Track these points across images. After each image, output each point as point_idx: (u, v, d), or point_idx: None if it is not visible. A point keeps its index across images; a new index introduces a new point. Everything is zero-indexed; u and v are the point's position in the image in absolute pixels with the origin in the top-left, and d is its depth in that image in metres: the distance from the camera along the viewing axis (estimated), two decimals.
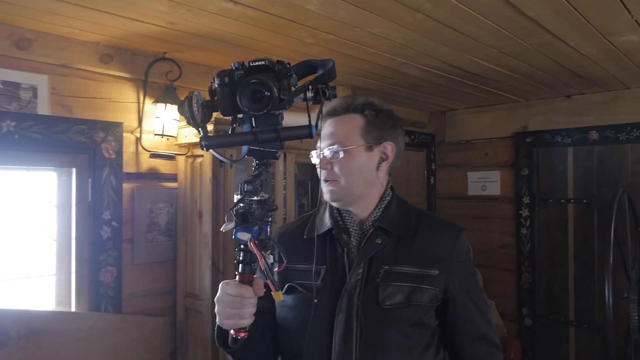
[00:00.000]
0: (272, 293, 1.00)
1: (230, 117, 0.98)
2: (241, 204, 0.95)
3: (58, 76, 2.15)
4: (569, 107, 3.60)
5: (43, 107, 2.09)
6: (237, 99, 0.90)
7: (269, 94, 0.88)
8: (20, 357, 1.98)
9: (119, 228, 2.31)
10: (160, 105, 2.34)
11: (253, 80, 0.89)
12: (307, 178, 2.99)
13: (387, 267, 1.17)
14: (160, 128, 2.35)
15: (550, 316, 3.74)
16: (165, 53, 2.40)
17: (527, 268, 3.82)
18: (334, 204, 1.27)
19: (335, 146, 1.22)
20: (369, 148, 1.24)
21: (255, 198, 0.95)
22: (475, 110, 4.11)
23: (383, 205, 1.26)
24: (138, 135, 2.40)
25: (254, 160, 1.00)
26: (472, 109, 4.12)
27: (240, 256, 0.98)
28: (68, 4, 1.76)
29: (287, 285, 1.21)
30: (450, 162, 4.32)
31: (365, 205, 1.25)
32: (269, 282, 1.00)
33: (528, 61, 2.58)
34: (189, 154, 2.45)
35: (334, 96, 0.98)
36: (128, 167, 2.36)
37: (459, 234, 1.26)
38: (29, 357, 2.00)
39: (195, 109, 0.93)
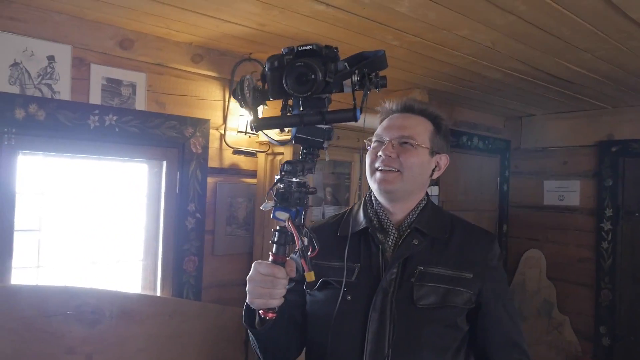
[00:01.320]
0: (305, 273, 1.01)
1: (281, 102, 1.01)
2: (280, 185, 0.98)
3: (154, 74, 2.29)
4: None
5: (140, 103, 2.23)
6: (284, 81, 0.93)
7: (314, 76, 0.91)
8: (111, 335, 2.13)
9: (202, 220, 2.43)
10: None
11: (298, 64, 0.92)
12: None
13: (422, 267, 1.18)
14: (244, 126, 2.44)
15: (632, 337, 3.51)
16: (250, 54, 2.49)
17: (607, 284, 3.61)
18: (383, 196, 1.25)
19: (409, 138, 1.22)
20: (432, 154, 1.25)
21: (294, 179, 0.98)
22: (556, 116, 3.93)
23: (419, 209, 1.26)
24: (222, 132, 2.51)
25: (302, 149, 1.03)
26: (552, 114, 3.95)
27: (275, 237, 1.01)
28: (170, 6, 1.88)
29: (320, 281, 1.21)
30: (525, 170, 4.16)
31: (406, 206, 1.26)
32: (302, 261, 1.01)
33: (622, 66, 2.44)
34: (269, 151, 2.52)
35: (384, 85, 0.98)
36: (212, 162, 2.48)
37: (493, 241, 1.28)
38: (119, 335, 2.14)
39: (247, 92, 0.97)
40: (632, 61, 2.35)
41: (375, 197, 1.28)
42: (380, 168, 1.22)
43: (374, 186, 1.25)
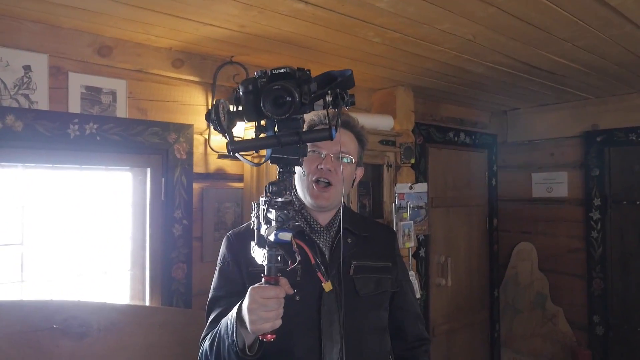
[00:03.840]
0: (323, 284, 1.10)
1: (254, 124, 1.05)
2: (272, 208, 1.00)
3: (134, 81, 2.25)
4: None
5: (121, 110, 2.19)
6: (261, 104, 0.96)
7: (290, 99, 0.95)
8: (100, 348, 2.08)
9: (189, 226, 2.39)
10: None
11: (275, 87, 0.95)
12: (369, 179, 2.97)
13: (355, 262, 1.35)
14: None
15: (625, 325, 3.53)
16: (232, 57, 2.47)
17: (598, 274, 3.62)
18: (320, 208, 1.35)
19: (346, 154, 1.35)
20: (355, 166, 1.40)
21: (279, 199, 1.00)
22: (540, 109, 3.95)
23: (340, 211, 1.37)
24: (207, 136, 2.48)
25: (278, 167, 1.06)
26: (537, 107, 3.96)
27: (265, 259, 1.03)
28: (148, 11, 1.85)
29: None
30: (513, 163, 4.18)
31: (331, 212, 1.39)
32: (319, 273, 1.09)
33: (604, 55, 2.46)
34: (255, 154, 2.49)
35: (353, 103, 1.03)
36: (197, 168, 2.44)
37: (395, 234, 1.58)
38: (108, 348, 2.10)
39: (222, 116, 0.98)
40: (612, 50, 2.36)
41: (299, 201, 1.38)
42: (319, 179, 1.32)
43: (308, 199, 1.34)
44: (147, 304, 2.32)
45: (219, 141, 2.50)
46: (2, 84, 1.90)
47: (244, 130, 2.45)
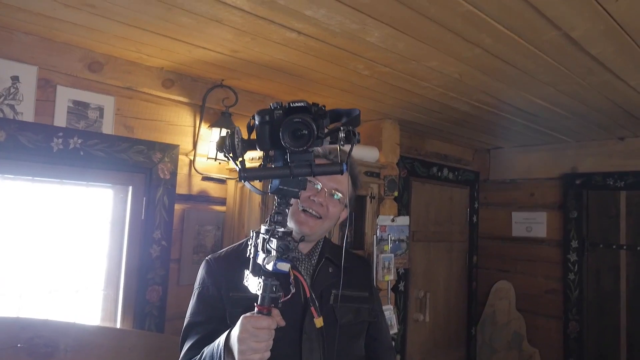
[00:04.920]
0: (315, 319, 1.10)
1: (262, 154, 1.07)
2: (273, 237, 1.01)
3: (123, 98, 2.25)
4: (623, 149, 3.50)
5: (107, 127, 2.18)
6: (280, 136, 0.98)
7: (307, 132, 0.97)
8: None
9: (168, 248, 2.35)
10: (215, 130, 2.41)
11: (296, 120, 0.98)
12: (351, 209, 2.97)
13: (335, 291, 1.34)
14: (214, 152, 2.41)
15: None
16: (223, 80, 2.49)
17: (574, 316, 3.64)
18: (304, 237, 1.34)
19: (339, 193, 1.35)
20: (343, 207, 1.40)
21: (281, 229, 1.02)
22: (522, 149, 4.04)
23: (321, 243, 1.42)
24: (192, 158, 2.47)
25: (276, 198, 1.07)
26: (519, 147, 4.06)
27: (260, 288, 1.03)
28: (141, 30, 1.87)
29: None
30: (494, 201, 4.23)
31: (312, 242, 1.41)
32: (312, 309, 1.10)
33: (584, 100, 2.54)
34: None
35: (359, 141, 1.06)
36: (180, 189, 2.42)
37: (371, 265, 1.65)
38: None
39: (237, 143, 1.00)
40: (591, 96, 2.44)
41: None
42: (309, 210, 1.31)
43: (293, 225, 1.32)
44: (119, 325, 2.26)
45: (204, 163, 2.49)
46: None
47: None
